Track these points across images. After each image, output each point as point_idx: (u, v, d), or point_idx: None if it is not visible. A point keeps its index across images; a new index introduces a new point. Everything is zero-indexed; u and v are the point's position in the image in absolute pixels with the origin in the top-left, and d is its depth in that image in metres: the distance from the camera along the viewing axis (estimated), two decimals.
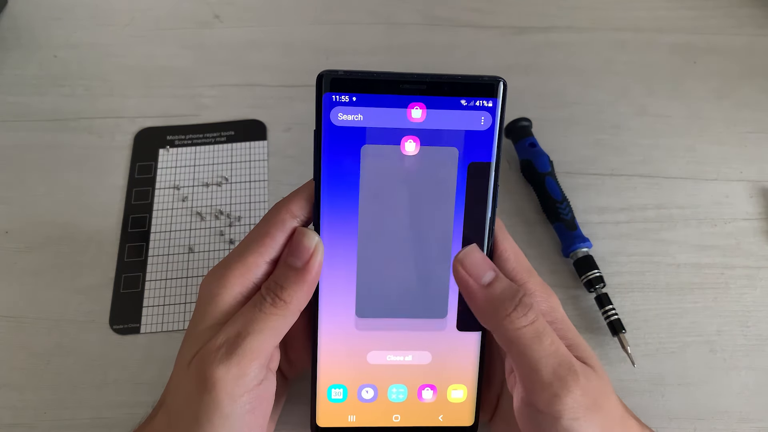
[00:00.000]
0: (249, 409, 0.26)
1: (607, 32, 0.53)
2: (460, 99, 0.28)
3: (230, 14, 0.54)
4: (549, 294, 0.30)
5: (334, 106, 0.28)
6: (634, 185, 0.44)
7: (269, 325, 0.27)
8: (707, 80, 0.50)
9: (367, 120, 0.28)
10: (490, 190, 0.30)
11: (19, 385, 0.36)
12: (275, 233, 0.29)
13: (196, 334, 0.28)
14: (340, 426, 0.32)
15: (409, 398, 0.32)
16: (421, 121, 0.28)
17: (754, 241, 0.42)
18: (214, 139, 0.46)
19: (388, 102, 0.28)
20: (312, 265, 0.28)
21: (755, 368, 0.37)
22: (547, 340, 0.27)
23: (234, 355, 0.26)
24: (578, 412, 0.26)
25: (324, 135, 0.28)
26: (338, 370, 0.31)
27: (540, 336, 0.27)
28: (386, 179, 0.29)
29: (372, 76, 0.28)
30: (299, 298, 0.28)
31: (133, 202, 0.43)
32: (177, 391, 0.28)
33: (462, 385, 0.32)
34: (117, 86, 0.49)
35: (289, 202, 0.29)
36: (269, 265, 0.29)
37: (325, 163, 0.29)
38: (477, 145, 0.29)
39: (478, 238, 0.30)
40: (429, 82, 0.28)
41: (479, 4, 0.55)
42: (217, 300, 0.28)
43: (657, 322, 0.39)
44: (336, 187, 0.29)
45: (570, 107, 0.48)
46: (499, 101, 0.29)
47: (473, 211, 0.30)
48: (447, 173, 0.29)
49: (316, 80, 0.28)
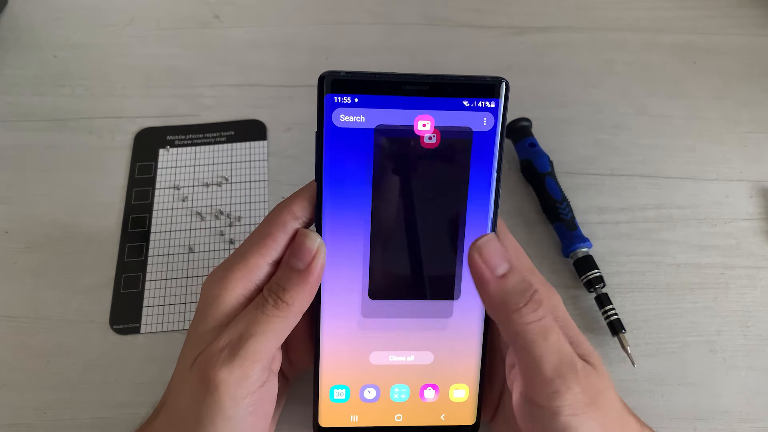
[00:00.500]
0: (251, 411, 0.26)
1: (607, 32, 0.53)
2: (462, 100, 0.28)
3: (230, 14, 0.54)
4: (551, 292, 0.30)
5: (336, 107, 0.28)
6: (634, 185, 0.44)
7: (272, 327, 0.27)
8: (707, 80, 0.50)
9: (369, 121, 0.28)
10: (492, 189, 0.30)
11: (19, 385, 0.36)
12: (277, 234, 0.29)
13: (198, 336, 0.28)
14: (343, 426, 0.32)
15: (412, 398, 0.32)
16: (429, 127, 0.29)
17: (754, 241, 0.42)
18: (214, 139, 0.46)
19: (391, 103, 0.28)
20: (314, 266, 0.28)
21: (755, 368, 0.37)
22: (553, 337, 0.27)
23: (237, 357, 0.26)
24: (577, 408, 0.26)
25: (326, 136, 0.28)
26: (341, 371, 0.31)
27: (546, 333, 0.27)
28: (397, 172, 0.29)
29: (374, 77, 0.28)
30: (301, 300, 0.28)
31: (133, 202, 0.43)
32: (179, 392, 0.28)
33: (464, 384, 0.32)
34: (117, 86, 0.49)
35: (290, 203, 0.29)
36: (271, 266, 0.29)
37: (327, 164, 0.29)
38: (480, 145, 0.29)
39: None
40: (432, 83, 0.28)
41: (479, 4, 0.55)
42: (219, 301, 0.28)
43: (657, 322, 0.39)
44: (338, 189, 0.29)
45: (570, 107, 0.48)
46: (501, 101, 0.29)
47: (477, 210, 0.30)
48: (457, 170, 0.29)
49: (318, 81, 0.28)
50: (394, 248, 0.30)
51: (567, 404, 0.26)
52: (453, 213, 0.30)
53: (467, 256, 0.28)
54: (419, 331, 0.31)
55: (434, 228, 0.30)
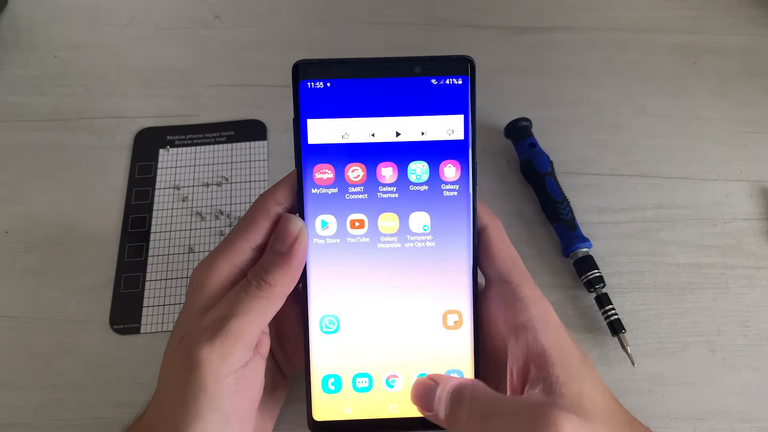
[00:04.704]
0: (235, 390, 0.27)
1: (607, 32, 0.53)
2: (430, 78, 0.30)
3: (230, 14, 0.54)
4: (540, 299, 0.30)
5: (310, 93, 0.29)
6: (634, 185, 0.44)
7: (254, 307, 0.27)
8: (707, 80, 0.50)
9: (342, 105, 0.30)
10: (469, 172, 0.31)
11: (19, 385, 0.36)
12: (260, 220, 0.29)
13: (184, 320, 0.29)
14: (337, 419, 0.32)
15: (406, 387, 0.31)
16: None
17: (754, 241, 0.42)
18: (214, 139, 0.46)
19: (362, 86, 0.30)
20: (296, 249, 0.29)
21: (755, 368, 0.37)
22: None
23: (218, 335, 0.26)
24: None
25: (302, 122, 0.30)
26: (331, 359, 0.31)
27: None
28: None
29: (344, 62, 0.30)
30: (284, 282, 0.28)
31: (133, 202, 0.43)
32: (165, 374, 0.28)
33: (459, 369, 0.32)
34: (117, 86, 0.49)
35: (274, 191, 0.30)
36: (255, 251, 0.29)
37: (304, 150, 0.30)
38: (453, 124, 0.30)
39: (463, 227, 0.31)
40: (399, 64, 0.30)
41: (479, 4, 0.55)
42: (205, 286, 0.29)
43: (657, 322, 0.39)
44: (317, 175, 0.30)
45: (570, 107, 0.48)
46: (468, 78, 0.30)
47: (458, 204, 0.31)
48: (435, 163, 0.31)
49: (292, 69, 0.30)
50: None
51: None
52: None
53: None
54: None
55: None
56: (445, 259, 0.31)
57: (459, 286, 0.31)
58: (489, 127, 0.46)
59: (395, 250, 0.31)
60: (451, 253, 0.31)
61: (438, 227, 0.31)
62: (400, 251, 0.31)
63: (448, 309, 0.31)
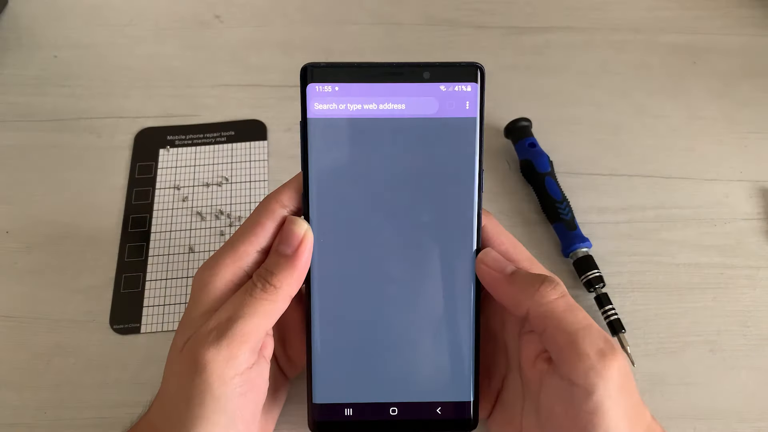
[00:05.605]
0: (240, 392, 0.27)
1: (607, 32, 0.53)
2: (439, 85, 0.29)
3: (230, 14, 0.54)
4: (556, 281, 0.30)
5: (318, 96, 0.29)
6: (634, 185, 0.44)
7: (259, 309, 0.27)
8: (707, 80, 0.50)
9: (350, 110, 0.29)
10: (475, 178, 0.30)
11: (19, 385, 0.36)
12: (265, 222, 0.29)
13: (188, 321, 0.28)
14: (338, 420, 0.32)
15: (406, 389, 0.31)
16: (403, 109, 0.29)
17: (754, 241, 0.42)
18: (214, 139, 0.46)
19: (371, 91, 0.29)
20: (301, 251, 0.29)
21: (755, 368, 0.37)
22: (581, 313, 0.27)
23: (224, 338, 0.26)
24: (612, 389, 0.26)
25: (310, 125, 0.29)
26: (333, 361, 0.31)
27: (573, 309, 0.28)
28: (380, 159, 0.30)
29: (353, 66, 0.29)
30: (289, 284, 0.28)
31: (133, 202, 0.43)
32: (170, 377, 0.28)
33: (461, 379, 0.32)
34: (117, 86, 0.49)
35: (279, 194, 0.30)
36: (260, 254, 0.29)
37: (311, 152, 0.29)
38: (461, 130, 0.30)
39: (467, 223, 0.30)
40: (408, 69, 0.29)
41: (479, 4, 0.55)
42: (209, 288, 0.28)
43: (657, 322, 0.39)
44: (323, 177, 0.30)
45: (570, 107, 0.48)
46: (478, 86, 0.30)
47: (460, 194, 0.30)
48: (441, 154, 0.30)
49: (300, 72, 0.29)
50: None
51: (603, 384, 0.26)
52: (440, 196, 0.30)
53: (476, 270, 0.30)
54: None
55: (420, 212, 0.30)
56: (447, 260, 0.31)
57: (464, 286, 0.31)
58: (489, 127, 0.46)
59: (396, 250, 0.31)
60: (455, 256, 0.31)
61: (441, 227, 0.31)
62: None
63: (449, 309, 0.31)
